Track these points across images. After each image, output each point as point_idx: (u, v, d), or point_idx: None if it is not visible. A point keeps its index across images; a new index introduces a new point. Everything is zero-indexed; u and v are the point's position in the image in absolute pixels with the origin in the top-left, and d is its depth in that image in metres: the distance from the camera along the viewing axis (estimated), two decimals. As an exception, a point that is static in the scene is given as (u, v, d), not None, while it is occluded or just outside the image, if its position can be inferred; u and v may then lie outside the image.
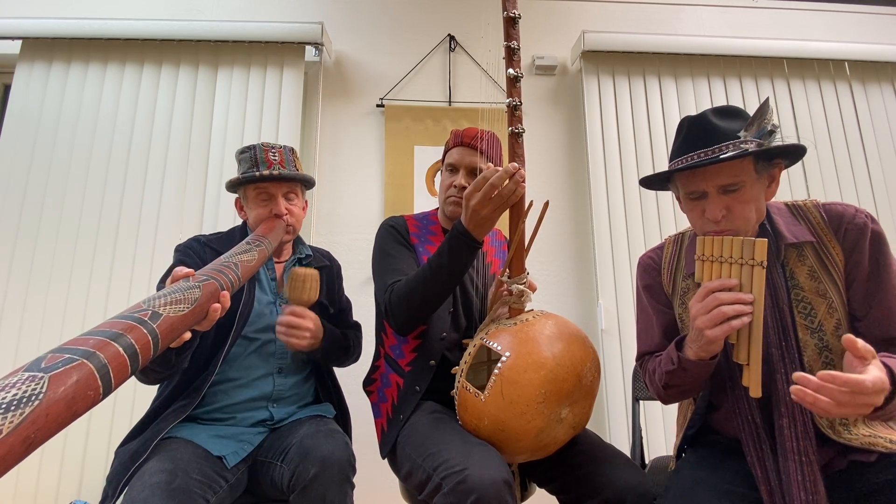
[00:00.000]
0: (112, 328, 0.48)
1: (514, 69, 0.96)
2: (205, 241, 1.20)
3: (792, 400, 0.75)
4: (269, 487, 1.04)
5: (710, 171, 0.83)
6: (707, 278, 0.80)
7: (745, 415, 0.85)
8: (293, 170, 1.21)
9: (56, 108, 2.08)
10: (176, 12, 2.27)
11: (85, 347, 0.44)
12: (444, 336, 1.12)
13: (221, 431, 1.06)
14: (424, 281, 1.01)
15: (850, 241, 0.83)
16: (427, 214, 1.30)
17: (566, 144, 2.30)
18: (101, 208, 2.00)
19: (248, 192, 1.20)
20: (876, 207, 2.21)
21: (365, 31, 2.32)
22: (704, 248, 0.81)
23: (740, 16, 2.49)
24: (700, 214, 0.86)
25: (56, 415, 0.38)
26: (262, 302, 1.18)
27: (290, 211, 1.19)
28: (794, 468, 0.78)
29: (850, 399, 0.64)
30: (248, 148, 1.20)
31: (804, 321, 0.84)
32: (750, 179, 0.82)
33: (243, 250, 0.92)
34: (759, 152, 0.79)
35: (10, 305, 1.90)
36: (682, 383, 0.87)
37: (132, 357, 0.48)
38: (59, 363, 0.40)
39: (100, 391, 0.43)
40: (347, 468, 0.96)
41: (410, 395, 1.09)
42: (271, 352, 1.15)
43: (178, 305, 0.60)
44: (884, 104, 2.32)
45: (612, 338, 2.03)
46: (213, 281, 0.73)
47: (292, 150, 1.24)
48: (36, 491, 1.78)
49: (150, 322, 0.53)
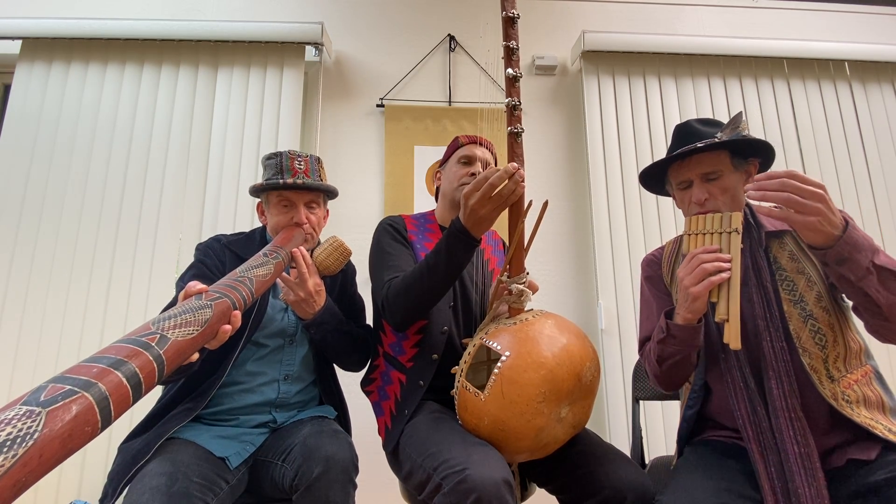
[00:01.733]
0: (117, 354, 0.46)
1: (514, 69, 0.96)
2: (225, 242, 1.20)
3: (777, 363, 0.89)
4: (269, 487, 1.04)
5: (693, 161, 0.99)
6: (693, 248, 0.91)
7: (737, 382, 0.92)
8: (318, 179, 1.21)
9: (56, 108, 2.08)
10: (176, 12, 2.27)
11: (87, 378, 0.41)
12: (446, 329, 1.13)
13: (224, 432, 1.06)
14: (421, 278, 1.01)
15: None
16: (425, 214, 1.31)
17: (566, 144, 2.30)
18: (101, 208, 2.00)
19: (270, 198, 1.20)
20: (876, 207, 2.21)
21: (365, 31, 2.32)
22: (691, 225, 0.93)
23: (740, 16, 2.49)
24: (689, 201, 1.01)
25: (50, 455, 0.36)
26: (275, 308, 1.18)
27: (311, 220, 1.19)
28: (785, 424, 0.85)
29: (792, 184, 0.76)
30: (274, 154, 1.20)
31: (788, 295, 0.94)
32: (727, 170, 0.97)
33: (259, 263, 0.91)
34: (728, 144, 0.95)
35: (10, 305, 1.90)
36: (673, 353, 0.94)
37: (135, 387, 0.46)
38: (59, 396, 0.38)
39: (98, 426, 0.41)
40: (351, 468, 0.96)
41: (414, 390, 1.09)
42: (279, 359, 1.15)
43: (188, 328, 0.58)
44: (884, 104, 2.33)
45: (612, 338, 2.03)
46: (226, 299, 0.71)
47: (318, 159, 1.24)
48: (36, 491, 1.78)
49: (157, 347, 0.51)
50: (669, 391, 1.07)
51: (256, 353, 1.13)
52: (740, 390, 0.91)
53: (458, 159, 1.24)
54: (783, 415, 0.85)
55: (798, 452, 0.82)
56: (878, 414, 0.88)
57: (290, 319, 1.18)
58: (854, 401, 0.87)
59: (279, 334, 1.15)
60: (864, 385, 0.90)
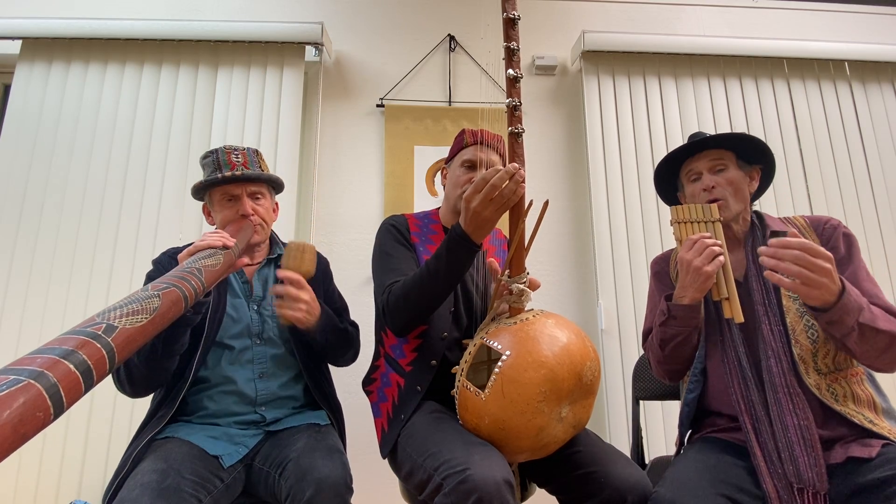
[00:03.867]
0: (62, 345, 0.47)
1: (514, 70, 0.96)
2: (171, 252, 1.18)
3: (776, 343, 0.95)
4: (265, 494, 1.04)
5: (704, 156, 1.10)
6: (685, 235, 1.01)
7: (732, 362, 0.99)
8: (257, 170, 1.18)
9: (56, 108, 2.08)
10: (176, 12, 2.27)
11: (32, 367, 0.42)
12: (446, 335, 1.12)
13: (215, 432, 1.07)
14: (422, 284, 1.01)
15: (826, 235, 1.04)
16: (428, 213, 1.30)
17: (566, 144, 2.30)
18: (101, 208, 2.00)
19: (213, 197, 1.18)
20: (876, 207, 2.21)
21: (365, 31, 2.32)
22: (678, 214, 1.04)
23: (740, 16, 2.49)
24: (699, 190, 1.10)
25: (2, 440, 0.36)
26: (236, 308, 1.16)
27: (257, 211, 1.17)
28: (784, 399, 0.91)
29: (805, 258, 0.81)
30: (210, 152, 1.17)
31: (787, 292, 1.00)
32: (732, 166, 1.09)
33: (207, 255, 0.89)
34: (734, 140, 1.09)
35: (10, 305, 1.89)
36: (675, 334, 1.01)
37: (85, 374, 0.46)
38: (4, 385, 0.39)
39: (50, 412, 0.41)
40: (344, 491, 0.93)
41: (412, 395, 1.08)
42: (248, 358, 1.14)
43: (136, 316, 0.58)
44: (884, 104, 2.33)
45: (612, 338, 2.03)
46: (174, 289, 0.70)
47: (256, 151, 1.22)
48: (36, 491, 1.77)
49: (105, 336, 0.51)
50: (673, 380, 1.12)
51: (227, 355, 1.13)
52: (735, 369, 0.98)
53: (461, 162, 1.21)
54: (782, 390, 0.91)
55: (797, 424, 0.88)
56: (868, 411, 0.91)
57: (253, 319, 1.16)
58: (841, 395, 0.92)
59: (244, 334, 1.14)
60: (854, 383, 0.94)
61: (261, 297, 1.19)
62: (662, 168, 1.17)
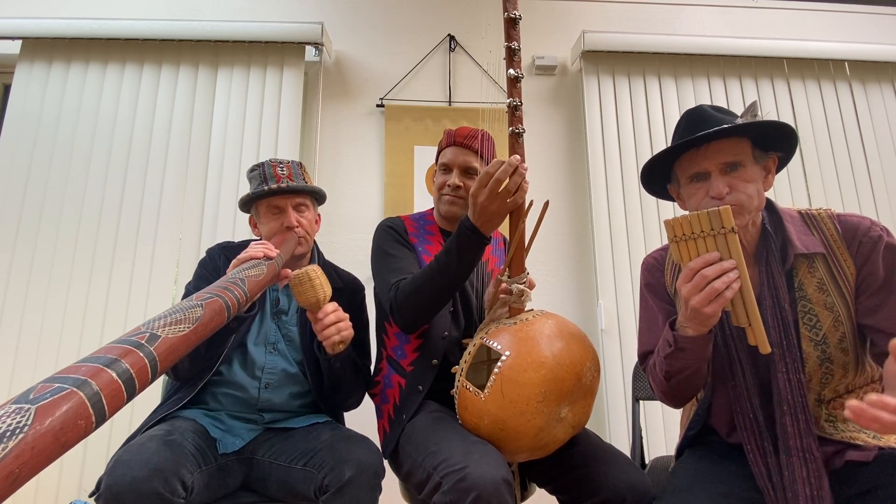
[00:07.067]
0: (107, 353, 0.48)
1: (515, 70, 0.96)
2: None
3: (793, 398, 0.80)
4: (277, 489, 1.05)
5: (712, 149, 0.84)
6: (686, 257, 0.78)
7: (746, 413, 0.86)
8: (302, 182, 1.22)
9: (56, 108, 2.08)
10: (176, 12, 2.27)
11: (76, 375, 0.43)
12: (446, 335, 1.12)
13: (217, 423, 1.11)
14: (432, 278, 1.01)
15: (863, 253, 0.84)
16: (423, 214, 1.30)
17: (566, 144, 2.30)
18: (101, 208, 2.00)
19: (259, 209, 1.21)
20: (876, 207, 2.21)
21: (365, 31, 2.32)
22: (675, 229, 0.79)
23: (740, 16, 2.49)
24: (703, 196, 0.86)
25: (43, 447, 0.37)
26: (261, 315, 1.19)
27: (301, 224, 1.20)
28: (798, 465, 0.79)
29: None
30: (257, 165, 1.21)
31: (808, 333, 0.85)
32: (749, 161, 0.84)
33: (252, 265, 0.93)
34: (756, 130, 0.84)
35: (10, 305, 1.89)
36: (682, 367, 0.85)
37: (127, 383, 0.47)
38: (48, 393, 0.39)
39: (92, 420, 0.42)
40: (381, 473, 0.98)
41: (413, 395, 1.08)
42: (261, 366, 1.16)
43: (178, 326, 0.60)
44: (884, 104, 2.32)
45: (612, 338, 2.03)
46: (217, 299, 0.72)
47: (300, 164, 1.26)
48: (36, 491, 1.78)
49: (147, 345, 0.52)
50: (677, 407, 1.00)
51: (242, 360, 1.16)
52: (750, 425, 0.85)
53: (440, 165, 1.22)
54: (797, 454, 0.80)
55: (809, 495, 0.78)
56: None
57: (271, 328, 1.19)
58: (840, 419, 0.85)
59: (261, 342, 1.17)
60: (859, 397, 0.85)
61: (286, 309, 1.21)
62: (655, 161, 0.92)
